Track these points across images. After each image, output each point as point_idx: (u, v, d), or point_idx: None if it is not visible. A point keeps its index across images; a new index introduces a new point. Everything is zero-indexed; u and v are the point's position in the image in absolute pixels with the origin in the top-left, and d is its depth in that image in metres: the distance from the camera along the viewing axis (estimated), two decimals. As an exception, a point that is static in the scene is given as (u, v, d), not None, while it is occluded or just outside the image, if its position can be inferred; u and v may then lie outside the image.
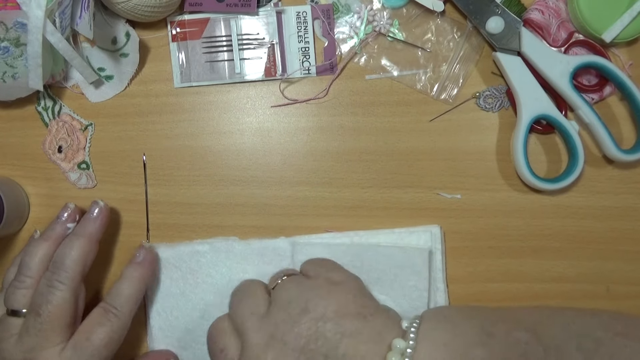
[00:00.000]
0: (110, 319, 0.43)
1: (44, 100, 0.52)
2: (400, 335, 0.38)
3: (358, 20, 0.51)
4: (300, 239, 0.50)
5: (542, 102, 0.49)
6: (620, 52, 0.51)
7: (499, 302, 0.51)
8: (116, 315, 0.44)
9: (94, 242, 0.45)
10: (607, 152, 0.49)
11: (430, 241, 0.49)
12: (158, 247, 0.50)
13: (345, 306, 0.40)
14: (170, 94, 0.52)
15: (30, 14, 0.43)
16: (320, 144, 0.51)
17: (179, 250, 0.50)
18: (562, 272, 0.51)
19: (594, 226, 0.51)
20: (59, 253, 0.44)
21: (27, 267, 0.44)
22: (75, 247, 0.44)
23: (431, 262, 0.49)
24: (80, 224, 0.46)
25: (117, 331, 0.43)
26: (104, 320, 0.43)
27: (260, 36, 0.51)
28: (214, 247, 0.50)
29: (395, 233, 0.50)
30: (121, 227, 0.51)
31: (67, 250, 0.44)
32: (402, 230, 0.50)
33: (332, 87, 0.51)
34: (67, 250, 0.44)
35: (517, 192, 0.51)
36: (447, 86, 0.51)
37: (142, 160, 0.51)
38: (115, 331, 0.43)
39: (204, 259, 0.50)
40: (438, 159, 0.51)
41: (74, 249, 0.44)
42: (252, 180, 0.51)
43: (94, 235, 0.45)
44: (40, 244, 0.45)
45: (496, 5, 0.49)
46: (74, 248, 0.44)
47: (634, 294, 0.51)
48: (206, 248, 0.50)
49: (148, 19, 0.49)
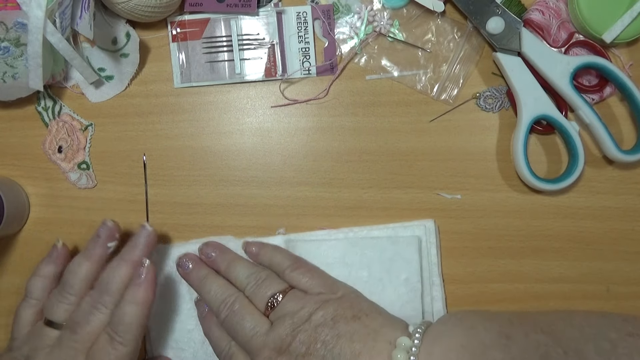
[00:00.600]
0: (116, 347, 0.42)
1: (44, 100, 0.52)
2: (405, 335, 0.40)
3: (358, 20, 0.51)
4: (294, 236, 0.50)
5: (542, 102, 0.49)
6: (620, 52, 0.51)
7: (499, 302, 0.51)
8: (122, 344, 0.42)
9: (139, 265, 0.44)
10: (607, 152, 0.49)
11: (424, 235, 0.50)
12: (156, 248, 0.50)
13: (342, 313, 0.42)
14: (170, 94, 0.52)
15: (31, 14, 0.43)
16: (320, 144, 0.51)
17: (175, 250, 0.50)
18: (562, 273, 0.51)
19: (594, 226, 0.51)
20: (106, 276, 0.44)
21: (69, 285, 0.44)
22: (122, 274, 0.44)
23: (424, 254, 0.49)
24: (128, 248, 0.45)
25: (125, 357, 0.42)
26: (111, 349, 0.42)
27: (260, 36, 0.51)
28: None
29: (389, 228, 0.50)
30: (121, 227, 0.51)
31: (114, 276, 0.44)
32: (397, 225, 0.50)
33: (332, 88, 0.51)
34: (114, 275, 0.44)
35: (517, 192, 0.51)
36: (447, 86, 0.51)
37: (142, 160, 0.51)
38: (123, 358, 0.42)
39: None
40: (438, 159, 0.51)
41: (120, 276, 0.44)
42: (252, 180, 0.51)
43: (140, 258, 0.45)
44: (83, 263, 0.45)
45: (496, 5, 0.49)
46: (121, 275, 0.44)
47: (634, 294, 0.51)
48: None
49: (148, 19, 0.49)
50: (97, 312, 0.43)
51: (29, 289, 0.46)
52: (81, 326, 0.42)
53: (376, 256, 0.48)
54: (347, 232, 0.50)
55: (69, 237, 0.51)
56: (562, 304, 0.51)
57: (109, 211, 0.51)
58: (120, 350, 0.42)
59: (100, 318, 0.43)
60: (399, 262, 0.48)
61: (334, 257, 0.48)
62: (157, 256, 0.50)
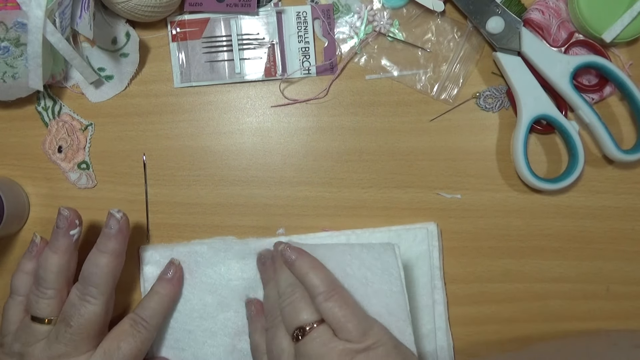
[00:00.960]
0: (140, 330, 0.45)
1: (44, 100, 0.52)
2: None
3: (358, 20, 0.51)
4: (297, 238, 0.50)
5: (542, 102, 0.49)
6: (620, 52, 0.51)
7: (499, 302, 0.51)
8: (145, 328, 0.46)
9: (118, 255, 0.45)
10: (607, 152, 0.49)
11: (426, 238, 0.49)
12: (155, 248, 0.50)
13: None
14: (170, 94, 0.52)
15: (30, 14, 0.43)
16: (320, 144, 0.51)
17: (177, 251, 0.50)
18: (562, 272, 0.51)
19: (594, 226, 0.51)
20: (86, 269, 0.44)
21: (43, 279, 0.44)
22: (101, 264, 0.44)
23: (427, 256, 0.49)
24: (101, 239, 0.45)
25: (145, 342, 0.46)
26: (134, 331, 0.45)
27: (260, 36, 0.51)
28: (211, 247, 0.50)
29: (392, 231, 0.50)
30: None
31: (94, 268, 0.44)
32: (399, 228, 0.50)
33: (332, 87, 0.51)
34: (94, 268, 0.44)
35: (517, 192, 0.51)
36: (447, 86, 0.51)
37: (142, 160, 0.51)
38: (143, 342, 0.45)
39: (202, 258, 0.50)
40: (438, 159, 0.51)
41: (100, 267, 0.44)
42: (252, 180, 0.51)
43: (118, 249, 0.45)
44: (50, 256, 0.45)
45: (496, 5, 0.49)
46: (100, 266, 0.44)
47: (634, 294, 0.51)
48: (204, 248, 0.50)
49: (148, 19, 0.49)
50: (87, 303, 0.43)
51: (13, 285, 0.46)
52: (74, 319, 0.43)
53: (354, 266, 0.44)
54: (349, 234, 0.50)
55: (69, 237, 0.51)
56: (562, 303, 0.51)
57: (109, 211, 0.51)
58: (143, 334, 0.45)
59: (91, 309, 0.43)
60: (378, 274, 0.44)
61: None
62: (158, 257, 0.50)
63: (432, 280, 0.49)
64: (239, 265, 0.50)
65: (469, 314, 0.51)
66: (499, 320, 0.51)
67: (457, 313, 0.51)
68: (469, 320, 0.51)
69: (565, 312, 0.51)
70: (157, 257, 0.50)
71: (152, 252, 0.50)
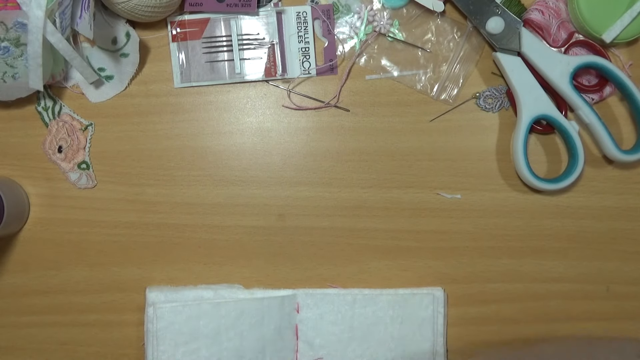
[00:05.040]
0: None
1: (44, 100, 0.52)
2: None
3: (358, 20, 0.51)
4: (303, 292, 0.50)
5: (542, 102, 0.49)
6: (620, 52, 0.51)
7: (499, 302, 0.51)
8: None
9: None
10: (607, 152, 0.49)
11: (432, 304, 0.49)
12: (161, 290, 0.50)
13: None
14: (170, 94, 0.52)
15: (31, 14, 0.43)
16: (320, 144, 0.51)
17: (183, 295, 0.49)
18: (562, 272, 0.51)
19: (594, 226, 0.51)
20: None
21: None
22: None
23: (431, 322, 0.49)
24: None
25: None
26: None
27: (260, 36, 0.51)
28: (217, 294, 0.49)
29: (398, 294, 0.50)
30: (121, 227, 0.51)
31: None
32: (406, 292, 0.50)
33: (332, 87, 0.51)
34: None
35: (517, 192, 0.51)
36: (447, 86, 0.51)
37: (142, 160, 0.51)
38: None
39: (208, 306, 0.49)
40: (438, 159, 0.51)
41: None
42: (252, 180, 0.51)
43: None
44: None
45: (496, 5, 0.49)
46: None
47: (634, 294, 0.51)
48: (210, 294, 0.49)
49: (148, 19, 0.49)
50: None
51: None
52: None
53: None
54: (356, 293, 0.50)
55: (69, 237, 0.51)
56: (562, 303, 0.51)
57: (109, 211, 0.51)
58: None
59: None
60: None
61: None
62: (163, 298, 0.49)
63: (434, 346, 0.49)
64: (247, 320, 0.49)
65: (469, 314, 0.51)
66: (499, 320, 0.51)
67: (457, 313, 0.51)
68: (469, 320, 0.51)
69: (565, 312, 0.51)
70: (163, 298, 0.49)
71: (157, 294, 0.49)
